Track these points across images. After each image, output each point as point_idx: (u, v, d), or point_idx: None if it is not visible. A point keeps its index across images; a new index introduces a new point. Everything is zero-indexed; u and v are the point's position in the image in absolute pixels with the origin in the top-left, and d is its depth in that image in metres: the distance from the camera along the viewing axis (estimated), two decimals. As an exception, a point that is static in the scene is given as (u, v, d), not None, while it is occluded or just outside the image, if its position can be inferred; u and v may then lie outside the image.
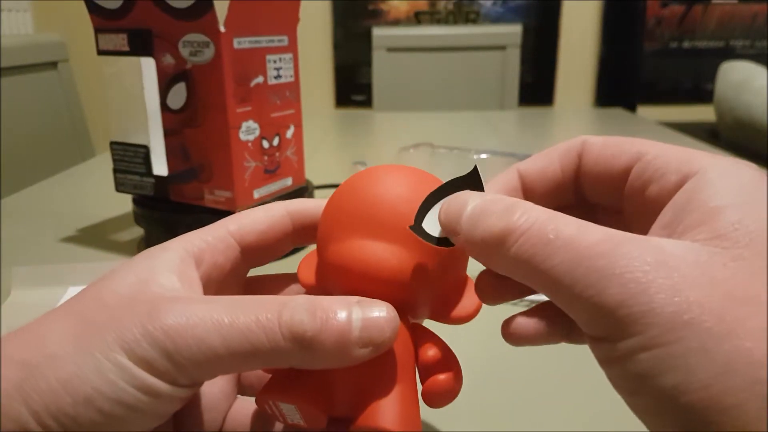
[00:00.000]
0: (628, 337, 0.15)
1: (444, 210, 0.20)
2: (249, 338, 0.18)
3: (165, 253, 0.21)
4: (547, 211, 0.18)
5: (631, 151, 0.21)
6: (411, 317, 0.23)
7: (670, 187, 0.19)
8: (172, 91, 0.51)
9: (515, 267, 0.18)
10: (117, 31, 0.52)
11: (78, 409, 0.17)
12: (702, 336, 0.14)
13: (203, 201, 0.53)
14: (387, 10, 2.16)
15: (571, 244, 0.17)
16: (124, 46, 0.52)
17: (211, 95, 0.50)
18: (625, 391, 0.17)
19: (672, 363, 0.15)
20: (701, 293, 0.15)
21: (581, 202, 0.24)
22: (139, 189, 0.57)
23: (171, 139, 0.53)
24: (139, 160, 0.55)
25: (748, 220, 0.16)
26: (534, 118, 1.34)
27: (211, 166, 0.52)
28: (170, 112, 0.52)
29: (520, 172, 0.24)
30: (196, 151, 0.52)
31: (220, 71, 0.49)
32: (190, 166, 0.53)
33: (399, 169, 0.23)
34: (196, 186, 0.53)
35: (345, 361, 0.18)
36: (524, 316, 0.22)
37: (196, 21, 0.48)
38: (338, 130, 1.22)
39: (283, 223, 0.25)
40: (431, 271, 0.21)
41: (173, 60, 0.50)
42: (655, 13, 2.16)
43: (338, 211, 0.23)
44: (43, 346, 0.18)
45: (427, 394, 0.22)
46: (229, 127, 0.50)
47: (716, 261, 0.16)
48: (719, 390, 0.14)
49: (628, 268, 0.16)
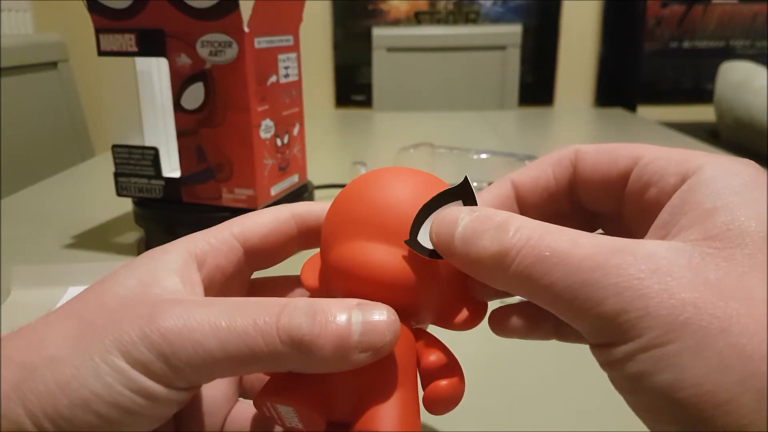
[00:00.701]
0: (628, 342, 0.16)
1: (434, 231, 0.20)
2: (246, 342, 0.17)
3: (167, 254, 0.21)
4: (539, 224, 0.18)
5: (627, 155, 0.21)
6: (414, 322, 0.22)
7: (669, 188, 0.19)
8: (188, 91, 0.51)
9: (514, 285, 0.18)
10: (123, 32, 0.51)
11: (74, 412, 0.17)
12: (697, 335, 0.15)
13: (220, 200, 0.53)
14: (387, 10, 2.16)
15: (565, 259, 0.17)
16: (132, 46, 0.51)
17: (232, 95, 0.50)
18: (625, 391, 0.17)
19: (668, 362, 0.15)
20: (695, 294, 0.15)
21: (577, 211, 0.24)
22: (146, 192, 0.56)
23: (186, 139, 0.53)
24: (148, 163, 0.54)
25: (743, 219, 0.16)
26: (534, 118, 1.34)
27: (231, 165, 0.52)
28: (185, 113, 0.52)
29: (514, 183, 0.24)
30: (214, 150, 0.52)
31: (243, 71, 0.49)
32: (206, 166, 0.53)
33: (403, 171, 0.23)
34: (212, 186, 0.53)
35: (344, 365, 0.18)
36: (513, 309, 0.22)
37: (217, 21, 0.48)
38: (338, 130, 1.22)
39: (287, 226, 0.25)
40: (435, 276, 0.21)
41: (190, 60, 0.50)
42: (655, 13, 2.17)
43: (342, 213, 0.23)
44: (42, 348, 0.18)
45: (428, 401, 0.21)
46: (251, 125, 0.50)
47: (708, 262, 0.16)
48: (713, 386, 0.14)
49: (623, 277, 0.16)
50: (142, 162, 0.55)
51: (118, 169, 0.56)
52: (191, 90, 0.51)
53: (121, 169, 0.56)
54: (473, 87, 1.63)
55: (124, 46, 0.52)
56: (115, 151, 0.55)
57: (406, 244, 0.21)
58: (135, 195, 0.56)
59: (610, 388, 0.18)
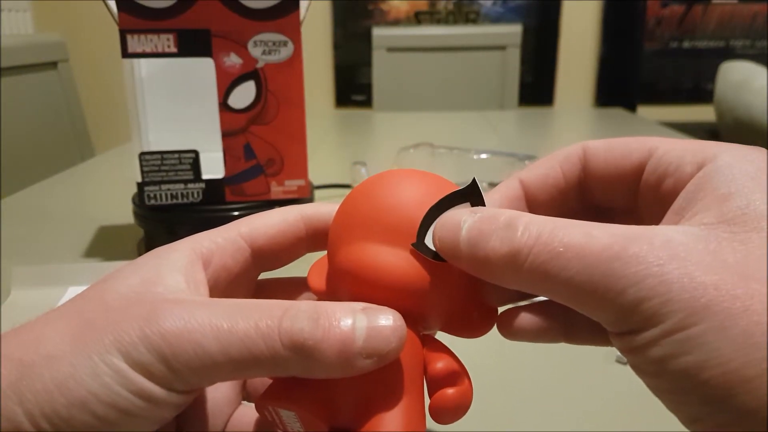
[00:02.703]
0: (650, 328, 0.16)
1: (437, 236, 0.20)
2: (247, 345, 0.17)
3: (172, 253, 0.21)
4: (547, 220, 0.18)
5: (640, 148, 0.21)
6: (421, 328, 0.22)
7: (685, 178, 0.19)
8: (237, 90, 0.52)
9: (529, 283, 0.18)
10: (159, 32, 0.50)
11: (72, 412, 0.16)
12: (719, 316, 0.15)
13: (268, 195, 0.55)
14: (387, 10, 2.16)
15: (581, 252, 0.17)
16: (171, 47, 0.50)
17: (286, 92, 0.52)
18: (648, 374, 0.17)
19: (692, 344, 0.15)
20: (715, 277, 0.15)
21: (588, 208, 0.24)
22: (181, 198, 0.53)
23: (232, 139, 0.53)
24: (186, 167, 0.53)
25: (758, 203, 0.17)
26: (534, 118, 1.34)
27: (282, 160, 0.55)
28: (233, 112, 0.52)
29: (522, 182, 0.24)
30: (264, 147, 0.54)
31: (298, 69, 0.52)
32: (255, 163, 0.54)
33: (412, 173, 0.22)
34: (261, 181, 0.55)
35: (348, 371, 0.18)
36: (524, 311, 0.22)
37: (274, 21, 0.50)
38: (338, 130, 1.22)
39: (296, 227, 0.24)
40: (444, 280, 0.21)
41: (240, 60, 0.51)
42: (655, 13, 2.16)
43: (350, 215, 0.22)
44: (41, 346, 0.17)
45: (434, 409, 0.21)
46: (303, 119, 0.54)
47: (725, 246, 0.16)
48: (739, 363, 0.15)
49: (643, 264, 0.16)
50: (178, 167, 0.53)
51: (146, 178, 0.53)
52: (240, 89, 0.52)
53: (149, 177, 0.53)
54: (473, 87, 1.63)
55: (160, 47, 0.50)
56: (143, 158, 0.52)
57: (413, 247, 0.20)
58: (167, 202, 0.54)
59: (608, 389, 0.18)
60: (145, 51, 0.51)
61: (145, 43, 0.50)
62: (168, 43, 0.50)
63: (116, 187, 0.81)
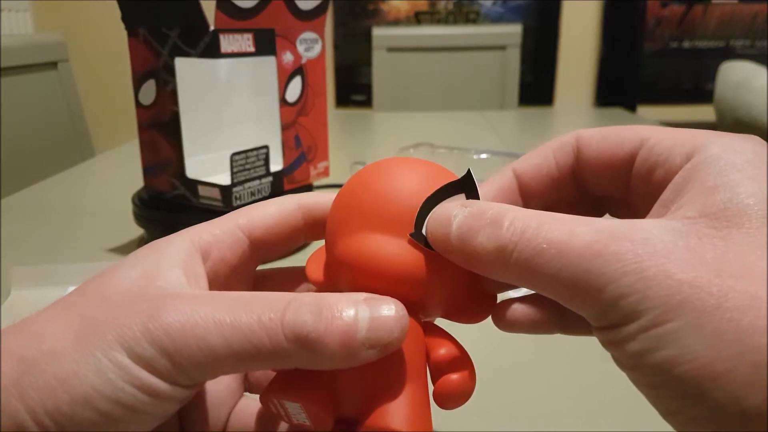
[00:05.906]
0: (629, 323, 0.16)
1: (430, 230, 0.20)
2: (251, 339, 0.17)
3: (171, 246, 0.21)
4: (533, 214, 0.18)
5: (633, 138, 0.21)
6: (422, 315, 0.22)
7: (675, 168, 0.19)
8: (291, 85, 0.56)
9: (516, 277, 0.18)
10: (241, 32, 0.50)
11: (75, 409, 0.16)
12: (693, 313, 0.15)
13: (309, 179, 0.61)
14: (387, 10, 2.16)
15: (564, 250, 0.17)
16: (250, 47, 0.51)
17: (316, 83, 0.59)
18: (627, 368, 0.17)
19: (667, 339, 0.16)
20: (692, 274, 0.16)
21: (583, 197, 0.24)
22: (257, 194, 0.54)
23: (288, 131, 0.57)
24: (260, 163, 0.54)
25: (743, 196, 0.17)
26: (534, 118, 1.34)
27: (316, 146, 0.61)
28: (288, 106, 0.57)
29: (516, 172, 0.24)
30: (306, 135, 0.60)
31: (324, 62, 0.59)
32: (301, 151, 0.59)
33: (410, 161, 0.22)
34: (305, 167, 0.60)
35: (351, 362, 0.18)
36: (519, 303, 0.22)
37: (312, 20, 0.56)
38: (338, 130, 1.22)
39: (294, 217, 0.24)
40: (443, 268, 0.21)
41: (292, 57, 0.56)
42: (655, 13, 2.16)
43: (348, 204, 0.22)
44: (42, 342, 0.17)
45: (438, 395, 0.21)
46: (326, 107, 0.61)
47: (706, 242, 0.16)
48: (710, 360, 0.15)
49: (622, 262, 0.16)
50: (255, 164, 0.54)
51: (235, 179, 0.52)
52: (293, 84, 0.57)
53: (237, 178, 0.52)
54: (473, 87, 1.63)
55: (242, 47, 0.51)
56: (234, 159, 0.52)
57: (411, 238, 0.20)
58: (247, 202, 0.53)
59: (608, 390, 0.18)
60: (232, 51, 0.50)
61: (232, 43, 0.50)
62: (248, 42, 0.51)
63: (116, 187, 0.81)
